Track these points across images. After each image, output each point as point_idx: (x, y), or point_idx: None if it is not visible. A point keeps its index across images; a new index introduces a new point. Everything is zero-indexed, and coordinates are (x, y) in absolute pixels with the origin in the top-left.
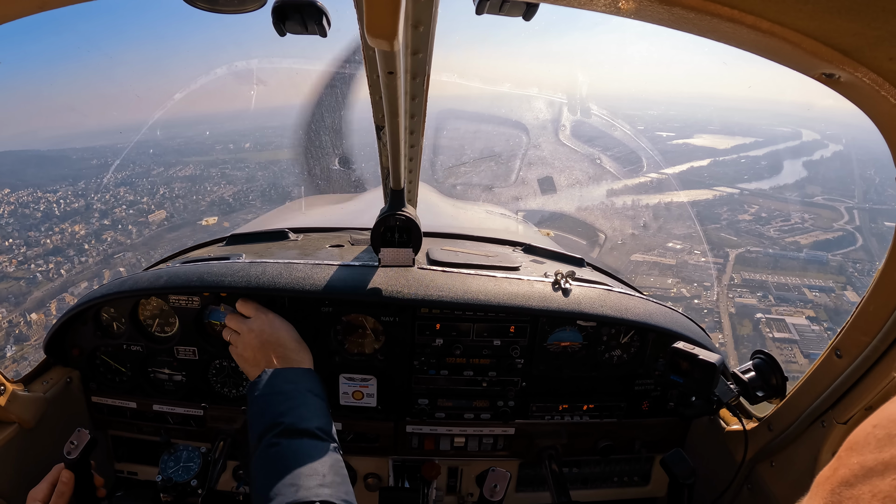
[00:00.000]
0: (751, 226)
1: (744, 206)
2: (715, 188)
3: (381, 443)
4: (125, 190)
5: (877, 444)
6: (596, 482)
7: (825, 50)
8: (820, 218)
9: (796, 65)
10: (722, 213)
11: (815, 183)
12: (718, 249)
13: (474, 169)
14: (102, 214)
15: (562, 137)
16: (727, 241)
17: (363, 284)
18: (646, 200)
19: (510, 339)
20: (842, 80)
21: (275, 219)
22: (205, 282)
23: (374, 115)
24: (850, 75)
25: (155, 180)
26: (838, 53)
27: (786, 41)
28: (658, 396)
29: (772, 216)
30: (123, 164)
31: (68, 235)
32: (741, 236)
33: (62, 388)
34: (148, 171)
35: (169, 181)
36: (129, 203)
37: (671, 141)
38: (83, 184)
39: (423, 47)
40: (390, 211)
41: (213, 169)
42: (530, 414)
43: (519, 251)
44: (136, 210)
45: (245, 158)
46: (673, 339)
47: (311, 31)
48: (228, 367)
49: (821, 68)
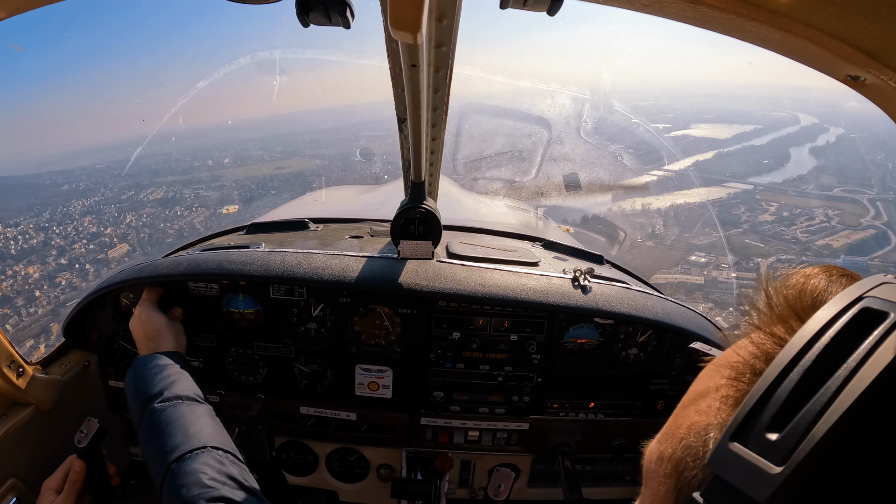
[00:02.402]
0: (775, 228)
1: (762, 205)
2: (726, 185)
3: (396, 434)
4: (90, 220)
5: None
6: (608, 480)
7: (850, 52)
8: (845, 214)
9: (821, 66)
10: (741, 215)
11: (828, 172)
12: (746, 260)
13: (495, 163)
14: (60, 252)
15: (583, 134)
16: (753, 248)
17: (382, 276)
18: (657, 204)
19: (527, 335)
20: (867, 83)
21: (295, 208)
22: (223, 269)
23: (397, 108)
24: (875, 78)
25: (123, 206)
26: (864, 55)
27: (811, 42)
28: (674, 396)
29: (794, 215)
30: (93, 187)
31: (20, 280)
32: (767, 242)
33: (80, 371)
34: (118, 196)
35: (138, 206)
36: (91, 237)
37: (668, 133)
38: (48, 214)
39: (446, 40)
40: (411, 203)
41: (186, 190)
42: (545, 410)
43: (538, 246)
44: (98, 244)
45: (222, 175)
46: (690, 339)
47: (335, 23)
48: (245, 354)
49: (846, 70)
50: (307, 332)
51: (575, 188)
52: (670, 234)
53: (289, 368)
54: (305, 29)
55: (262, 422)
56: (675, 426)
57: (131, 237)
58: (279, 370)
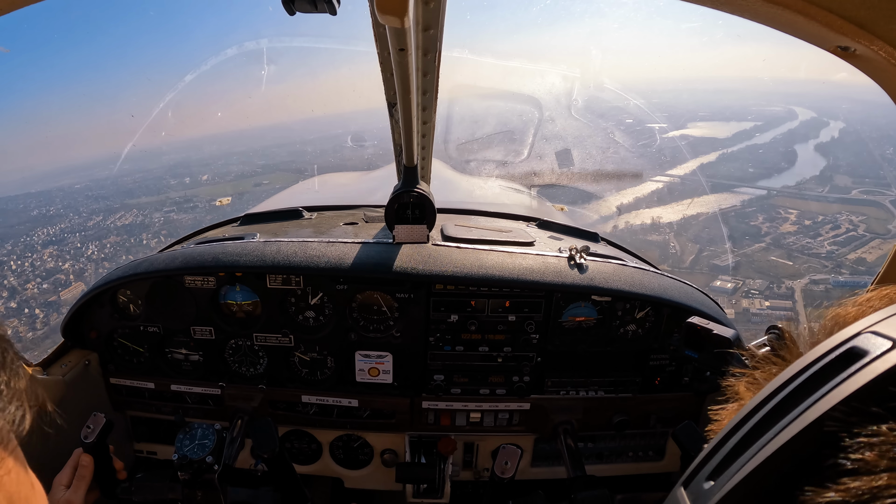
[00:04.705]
0: (800, 240)
1: (780, 212)
2: (737, 190)
3: (398, 419)
4: (51, 252)
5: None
6: (611, 457)
7: (840, 23)
8: (870, 219)
9: (811, 38)
10: (760, 226)
11: (839, 171)
12: (776, 283)
13: (488, 144)
14: (11, 293)
15: (574, 112)
16: (781, 267)
17: (378, 261)
18: (667, 217)
19: (525, 315)
20: (857, 54)
21: (289, 197)
22: (220, 262)
23: (386, 93)
24: (865, 48)
25: (88, 234)
26: (854, 26)
27: (801, 14)
28: (673, 371)
29: (817, 223)
30: (63, 213)
31: None
32: (795, 258)
33: (81, 370)
34: (84, 223)
35: (103, 234)
36: (46, 274)
37: (665, 134)
38: (10, 245)
39: (434, 23)
40: (404, 188)
41: (156, 214)
42: (545, 389)
43: (533, 226)
44: (52, 283)
45: (197, 195)
46: (688, 313)
47: (321, 10)
48: (245, 345)
49: (836, 41)
50: (306, 320)
51: (571, 165)
52: (687, 253)
53: (289, 358)
54: (292, 17)
55: (264, 412)
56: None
57: (89, 273)
58: (279, 360)
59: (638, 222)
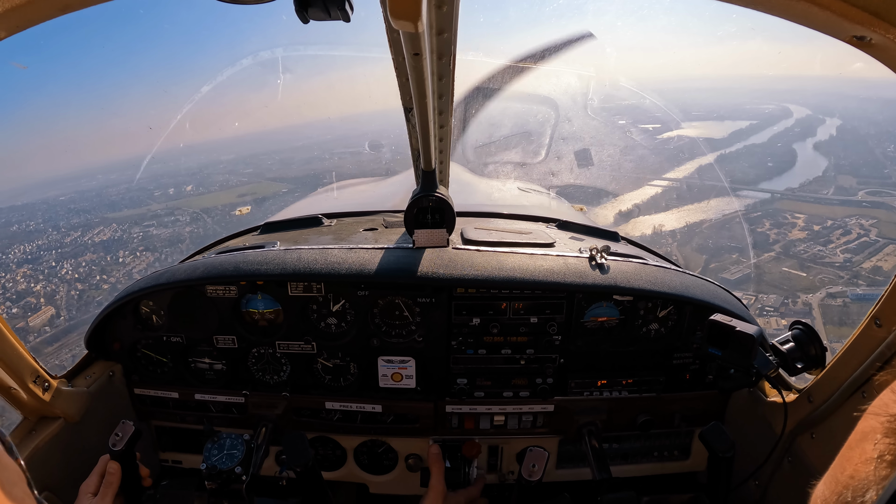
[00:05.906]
0: (810, 248)
1: (787, 217)
2: (739, 194)
3: (422, 423)
4: (24, 272)
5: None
6: (636, 457)
7: (855, 12)
8: (881, 223)
9: (827, 28)
10: (768, 233)
11: (842, 171)
12: (791, 297)
13: (505, 146)
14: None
15: (590, 111)
16: (795, 279)
17: (398, 266)
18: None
19: (547, 317)
20: (873, 43)
21: (308, 205)
22: (241, 271)
23: (402, 98)
24: (881, 37)
25: (65, 252)
26: (869, 15)
27: (815, 4)
28: (697, 370)
29: (826, 228)
30: (42, 228)
31: None
32: (808, 269)
33: (105, 381)
34: (61, 240)
35: (80, 251)
36: (17, 297)
37: (660, 135)
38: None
39: (447, 27)
40: (423, 192)
41: (136, 228)
42: (569, 390)
43: (553, 227)
44: (22, 307)
45: (180, 207)
46: (710, 311)
47: (335, 17)
48: (267, 353)
49: (852, 31)
50: (328, 327)
51: (590, 164)
52: (694, 265)
53: (312, 365)
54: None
55: (287, 419)
56: (839, 469)
57: (60, 296)
58: (302, 367)
59: (637, 233)
